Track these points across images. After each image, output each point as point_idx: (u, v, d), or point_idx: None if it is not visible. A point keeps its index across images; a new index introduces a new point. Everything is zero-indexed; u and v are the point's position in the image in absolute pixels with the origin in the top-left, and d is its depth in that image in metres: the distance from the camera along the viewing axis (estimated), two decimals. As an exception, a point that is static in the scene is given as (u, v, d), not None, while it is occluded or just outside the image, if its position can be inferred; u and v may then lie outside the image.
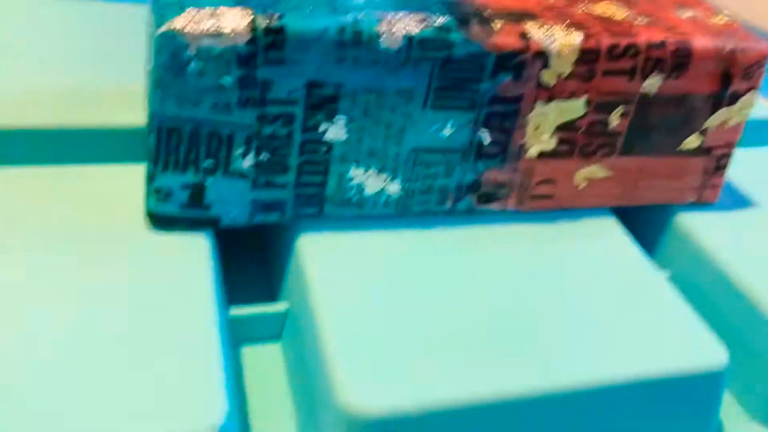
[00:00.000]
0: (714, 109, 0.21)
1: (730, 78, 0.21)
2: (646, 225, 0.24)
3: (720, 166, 0.23)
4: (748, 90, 0.21)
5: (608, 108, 0.20)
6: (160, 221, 0.19)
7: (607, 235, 0.22)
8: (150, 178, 0.18)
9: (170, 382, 0.15)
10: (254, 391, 0.18)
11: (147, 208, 0.19)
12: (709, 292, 0.21)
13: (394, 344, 0.17)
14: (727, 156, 0.22)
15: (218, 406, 0.15)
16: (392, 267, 0.19)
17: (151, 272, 0.17)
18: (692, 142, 0.22)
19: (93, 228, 0.19)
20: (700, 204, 0.23)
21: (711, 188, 0.23)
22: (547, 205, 0.22)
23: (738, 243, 0.22)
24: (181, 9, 0.16)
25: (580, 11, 0.21)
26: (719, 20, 0.22)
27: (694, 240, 0.22)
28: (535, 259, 0.20)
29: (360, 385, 0.16)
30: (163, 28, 0.16)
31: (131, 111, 0.21)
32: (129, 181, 0.20)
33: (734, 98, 0.21)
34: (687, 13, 0.22)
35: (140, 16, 0.24)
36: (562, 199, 0.22)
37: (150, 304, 0.17)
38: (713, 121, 0.21)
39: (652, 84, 0.20)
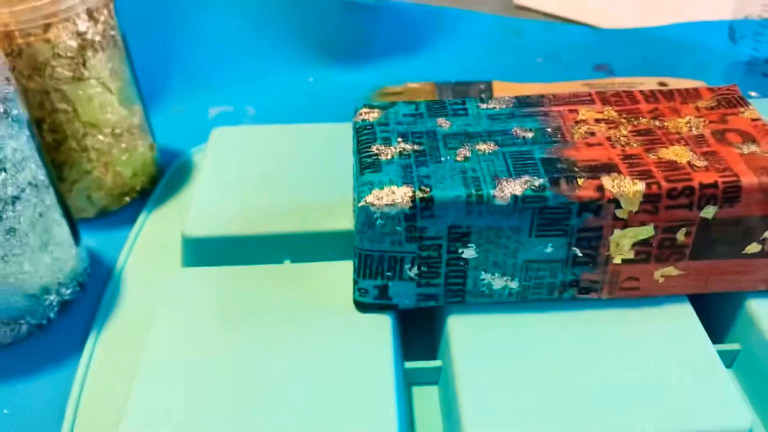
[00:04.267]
0: (768, 225, 0.27)
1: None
2: (719, 307, 0.30)
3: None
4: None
5: (674, 230, 0.28)
6: (361, 306, 0.30)
7: (678, 317, 0.29)
8: (355, 282, 0.29)
9: (357, 409, 0.26)
10: (419, 417, 0.29)
11: (353, 297, 0.30)
12: None
13: (512, 397, 0.26)
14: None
15: (391, 425, 0.25)
16: (514, 339, 0.28)
17: (351, 337, 0.29)
18: (753, 248, 0.28)
19: (316, 305, 0.30)
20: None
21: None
22: (634, 294, 0.29)
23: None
24: (371, 189, 0.27)
25: (651, 157, 0.28)
26: (775, 155, 0.28)
27: (761, 322, 0.29)
28: (617, 336, 0.28)
29: (481, 428, 0.25)
30: (362, 203, 0.27)
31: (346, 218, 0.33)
32: (345, 272, 0.31)
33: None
34: (750, 148, 0.28)
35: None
36: (645, 290, 0.29)
37: (348, 356, 0.28)
38: (769, 234, 0.28)
39: (709, 212, 0.27)
